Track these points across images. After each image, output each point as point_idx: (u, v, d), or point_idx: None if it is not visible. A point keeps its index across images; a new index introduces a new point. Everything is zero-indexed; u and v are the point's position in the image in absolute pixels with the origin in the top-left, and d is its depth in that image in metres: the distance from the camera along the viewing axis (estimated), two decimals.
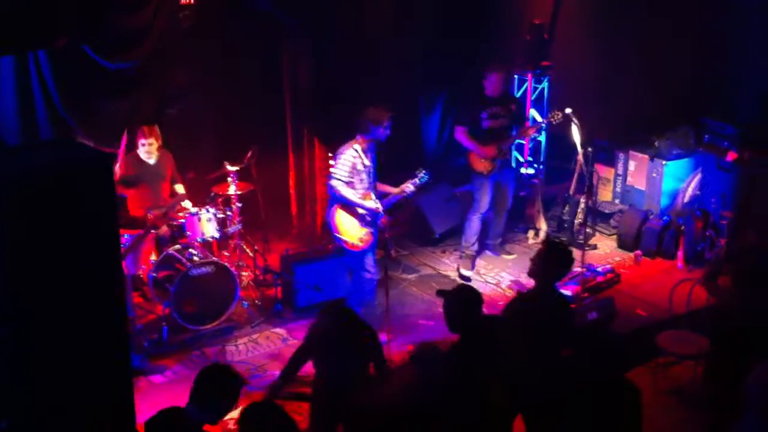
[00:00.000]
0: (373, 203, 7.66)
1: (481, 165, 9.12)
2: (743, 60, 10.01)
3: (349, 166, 7.51)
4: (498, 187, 9.30)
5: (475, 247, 9.44)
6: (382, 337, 7.59)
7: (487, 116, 9.03)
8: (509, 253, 9.81)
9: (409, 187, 7.84)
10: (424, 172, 7.85)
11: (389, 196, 7.80)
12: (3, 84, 7.83)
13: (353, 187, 7.56)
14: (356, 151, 7.54)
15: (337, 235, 7.64)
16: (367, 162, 7.59)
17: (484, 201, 9.23)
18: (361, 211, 7.64)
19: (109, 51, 8.02)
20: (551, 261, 5.92)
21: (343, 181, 7.49)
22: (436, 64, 10.10)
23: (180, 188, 8.65)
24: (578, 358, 4.88)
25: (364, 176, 7.62)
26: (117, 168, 8.20)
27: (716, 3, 10.04)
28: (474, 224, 9.32)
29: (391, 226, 7.81)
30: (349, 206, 7.61)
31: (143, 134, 8.27)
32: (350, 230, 7.65)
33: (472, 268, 9.36)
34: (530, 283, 6.17)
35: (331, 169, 7.55)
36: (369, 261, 7.81)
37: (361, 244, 7.67)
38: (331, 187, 7.52)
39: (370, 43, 9.52)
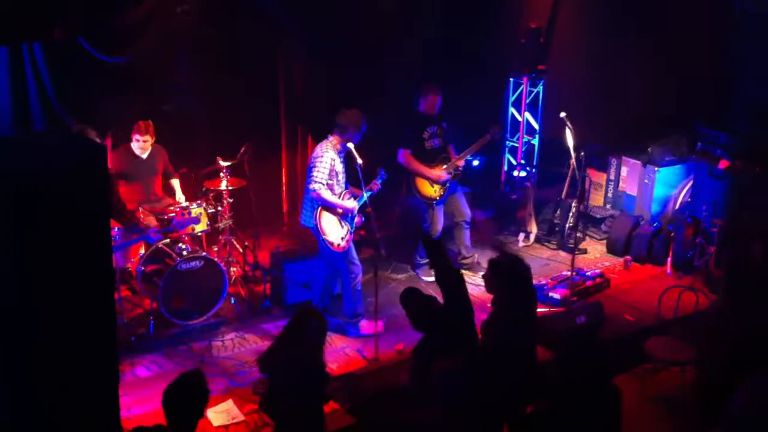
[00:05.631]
0: (352, 203, 7.77)
1: (431, 191, 8.83)
2: (737, 69, 10.03)
3: (328, 169, 7.60)
4: (447, 202, 9.03)
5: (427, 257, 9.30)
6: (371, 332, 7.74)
7: (428, 136, 8.79)
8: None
9: (375, 185, 7.93)
10: (382, 171, 8.00)
11: (357, 198, 7.86)
12: None
13: (332, 189, 7.66)
14: (334, 153, 7.65)
15: (323, 237, 7.67)
16: (341, 164, 7.73)
17: (437, 226, 8.97)
18: (340, 211, 7.74)
19: (106, 45, 8.01)
20: (496, 279, 5.75)
21: (323, 184, 7.55)
22: (434, 65, 10.09)
23: (176, 183, 8.66)
24: (564, 364, 4.87)
25: (341, 177, 7.78)
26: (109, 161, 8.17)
27: (711, 12, 10.04)
28: None
29: (380, 227, 7.82)
30: (331, 208, 7.69)
31: (139, 130, 8.25)
32: (333, 231, 7.72)
33: (430, 273, 9.22)
34: None
35: (312, 174, 7.57)
36: (353, 253, 7.90)
37: (343, 244, 7.75)
38: (314, 191, 7.55)
39: (366, 42, 9.52)
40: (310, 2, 9.16)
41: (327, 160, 7.60)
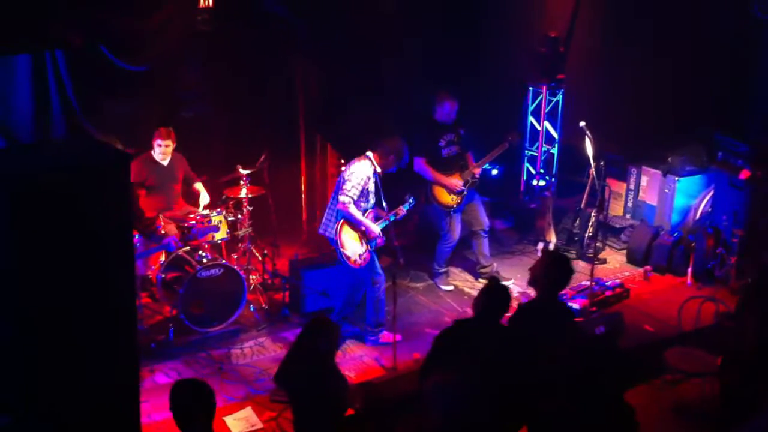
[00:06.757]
0: (377, 226, 7.74)
1: (447, 199, 8.79)
2: (755, 78, 9.99)
3: (362, 186, 7.59)
4: (465, 210, 9.03)
5: (445, 266, 9.28)
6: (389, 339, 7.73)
7: (444, 144, 8.75)
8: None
9: (401, 210, 7.90)
10: (411, 198, 7.95)
11: (381, 220, 7.83)
12: (20, 83, 7.89)
13: (358, 206, 7.64)
14: (370, 171, 7.64)
15: (341, 250, 7.67)
16: (373, 184, 7.72)
17: (455, 233, 8.98)
18: (363, 229, 7.72)
19: (127, 52, 8.07)
20: (550, 270, 5.88)
21: (353, 200, 7.55)
22: (448, 72, 10.08)
23: (199, 186, 8.70)
24: (583, 372, 4.85)
25: (371, 197, 7.76)
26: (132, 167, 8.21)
27: (730, 21, 10.02)
28: (445, 254, 9.13)
29: (398, 235, 7.81)
30: (354, 224, 7.68)
31: (161, 136, 8.31)
32: (352, 247, 7.71)
33: (448, 282, 9.28)
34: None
35: (345, 186, 7.56)
36: (376, 264, 7.87)
37: (360, 261, 7.72)
38: (342, 203, 7.54)
39: (385, 49, 9.53)
40: (323, 8, 9.18)
41: (362, 177, 7.58)
